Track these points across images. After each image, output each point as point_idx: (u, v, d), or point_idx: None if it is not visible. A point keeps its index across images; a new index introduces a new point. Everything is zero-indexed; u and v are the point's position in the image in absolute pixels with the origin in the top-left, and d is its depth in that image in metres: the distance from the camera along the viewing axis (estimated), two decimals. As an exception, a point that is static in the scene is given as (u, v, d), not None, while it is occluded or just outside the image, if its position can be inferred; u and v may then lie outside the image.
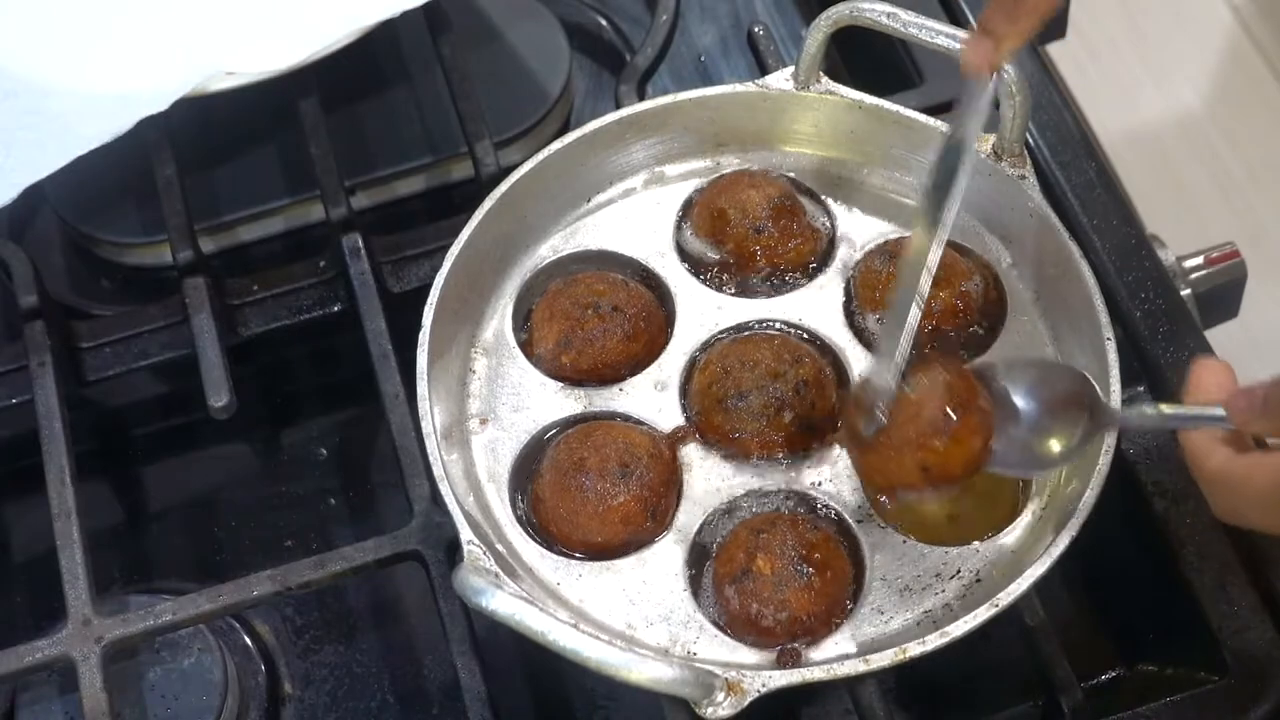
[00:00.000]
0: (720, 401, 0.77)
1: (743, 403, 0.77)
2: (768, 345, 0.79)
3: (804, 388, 0.77)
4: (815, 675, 0.68)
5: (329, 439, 0.92)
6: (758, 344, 0.79)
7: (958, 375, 0.70)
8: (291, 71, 0.88)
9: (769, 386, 0.77)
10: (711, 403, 0.78)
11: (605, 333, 0.80)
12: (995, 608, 0.68)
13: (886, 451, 0.70)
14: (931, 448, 0.69)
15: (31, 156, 0.84)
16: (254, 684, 0.82)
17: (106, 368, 0.88)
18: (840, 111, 0.85)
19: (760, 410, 0.76)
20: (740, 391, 0.77)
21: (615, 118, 0.84)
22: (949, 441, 0.68)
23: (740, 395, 0.77)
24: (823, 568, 0.72)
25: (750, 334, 0.81)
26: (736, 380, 0.77)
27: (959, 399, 0.69)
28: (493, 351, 0.81)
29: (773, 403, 0.76)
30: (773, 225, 0.82)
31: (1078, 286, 0.77)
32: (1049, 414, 0.70)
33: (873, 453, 0.71)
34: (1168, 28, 1.91)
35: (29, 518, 0.88)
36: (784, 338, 0.80)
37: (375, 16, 0.89)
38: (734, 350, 0.79)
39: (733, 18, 1.07)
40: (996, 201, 0.82)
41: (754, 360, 0.78)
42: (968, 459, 0.69)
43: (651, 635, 0.72)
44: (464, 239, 0.80)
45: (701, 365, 0.79)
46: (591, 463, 0.75)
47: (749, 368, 0.77)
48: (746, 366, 0.77)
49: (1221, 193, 1.78)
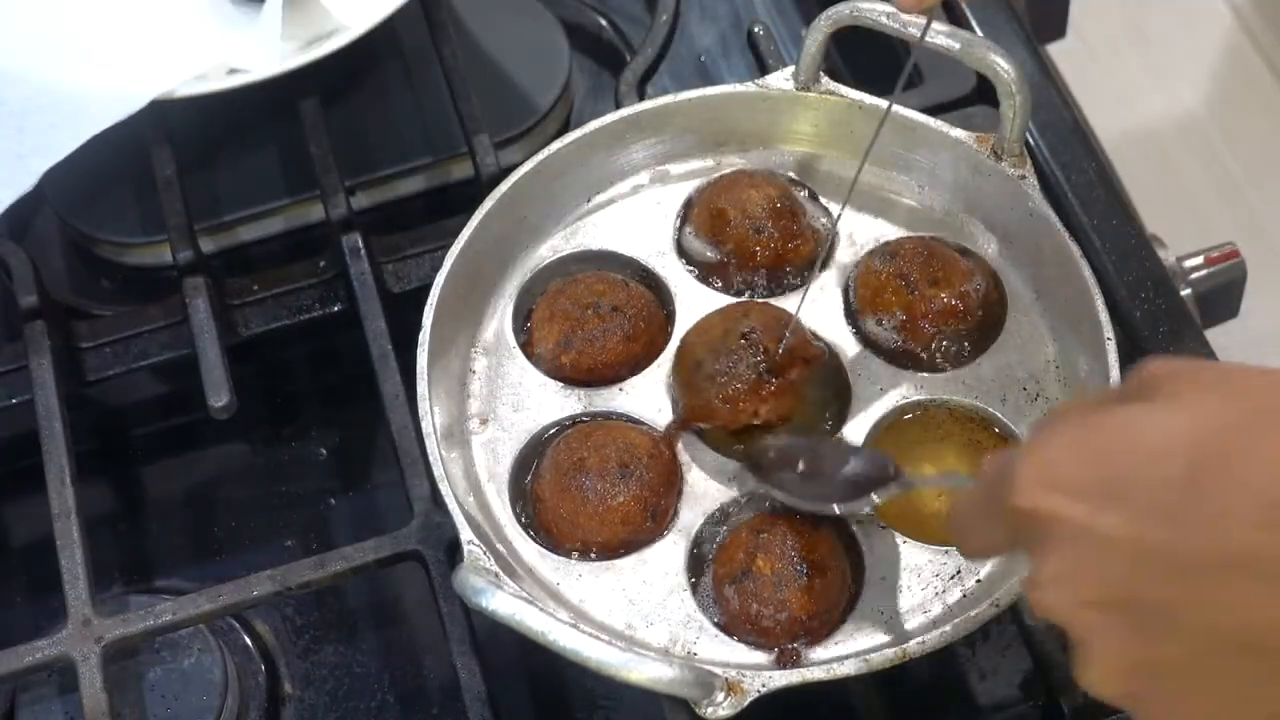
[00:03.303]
0: (689, 383, 0.77)
1: (701, 373, 0.77)
2: (719, 314, 0.79)
3: (753, 335, 0.77)
4: (815, 675, 0.68)
5: (329, 439, 0.92)
6: (710, 318, 0.80)
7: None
8: (291, 71, 0.88)
9: (719, 347, 0.77)
10: (683, 388, 0.78)
11: (605, 333, 0.80)
12: (996, 607, 0.68)
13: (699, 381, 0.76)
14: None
15: (46, 140, 0.84)
16: (254, 684, 0.82)
17: (106, 367, 0.88)
18: (840, 111, 0.85)
19: (721, 373, 0.76)
20: (697, 362, 0.77)
21: (616, 117, 0.84)
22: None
23: (697, 366, 0.77)
24: (822, 568, 0.72)
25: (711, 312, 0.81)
26: (694, 355, 0.78)
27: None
28: (493, 351, 0.81)
29: (728, 363, 0.76)
30: (773, 225, 0.82)
31: (1078, 286, 0.77)
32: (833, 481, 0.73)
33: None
34: (1168, 28, 1.91)
35: (29, 518, 0.88)
36: (735, 304, 0.81)
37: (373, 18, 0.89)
38: (693, 331, 0.79)
39: (733, 18, 1.07)
40: (997, 201, 0.82)
41: (705, 329, 0.79)
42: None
43: (652, 635, 0.72)
44: (464, 239, 0.80)
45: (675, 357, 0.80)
46: (591, 463, 0.75)
47: (702, 340, 0.78)
48: (701, 340, 0.78)
49: (1221, 192, 1.78)
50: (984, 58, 0.78)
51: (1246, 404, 0.50)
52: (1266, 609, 0.48)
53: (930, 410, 0.78)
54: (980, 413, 0.78)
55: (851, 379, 0.79)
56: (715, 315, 0.80)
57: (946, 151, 0.83)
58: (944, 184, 0.84)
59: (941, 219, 0.84)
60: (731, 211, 0.83)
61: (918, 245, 0.81)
